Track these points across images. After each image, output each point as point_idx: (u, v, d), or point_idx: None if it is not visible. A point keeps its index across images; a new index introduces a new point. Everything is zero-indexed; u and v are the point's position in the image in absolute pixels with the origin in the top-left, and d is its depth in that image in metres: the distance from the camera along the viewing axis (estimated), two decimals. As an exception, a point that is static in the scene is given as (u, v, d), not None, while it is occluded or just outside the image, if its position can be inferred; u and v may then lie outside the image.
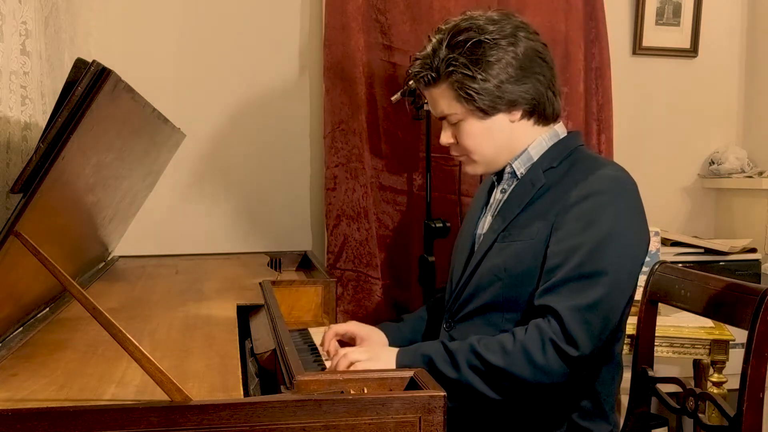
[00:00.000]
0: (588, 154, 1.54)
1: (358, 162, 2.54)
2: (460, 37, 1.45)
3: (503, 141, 1.51)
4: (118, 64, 1.15)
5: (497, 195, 1.58)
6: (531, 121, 1.51)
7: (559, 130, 1.55)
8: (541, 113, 1.51)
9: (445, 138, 1.55)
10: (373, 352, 1.40)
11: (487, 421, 1.44)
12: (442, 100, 1.50)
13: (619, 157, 2.68)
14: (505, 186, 1.56)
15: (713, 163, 2.97)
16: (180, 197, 2.62)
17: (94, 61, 0.99)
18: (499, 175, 1.58)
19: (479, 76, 1.44)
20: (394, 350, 1.42)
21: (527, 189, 1.49)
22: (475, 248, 1.57)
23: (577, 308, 1.33)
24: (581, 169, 1.46)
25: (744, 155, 2.93)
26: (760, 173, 2.86)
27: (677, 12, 2.93)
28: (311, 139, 2.71)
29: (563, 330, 1.32)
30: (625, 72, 2.87)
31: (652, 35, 2.93)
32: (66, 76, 1.00)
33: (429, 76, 1.49)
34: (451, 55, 1.45)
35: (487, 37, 1.44)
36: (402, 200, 2.63)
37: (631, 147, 2.87)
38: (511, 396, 1.36)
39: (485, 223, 1.58)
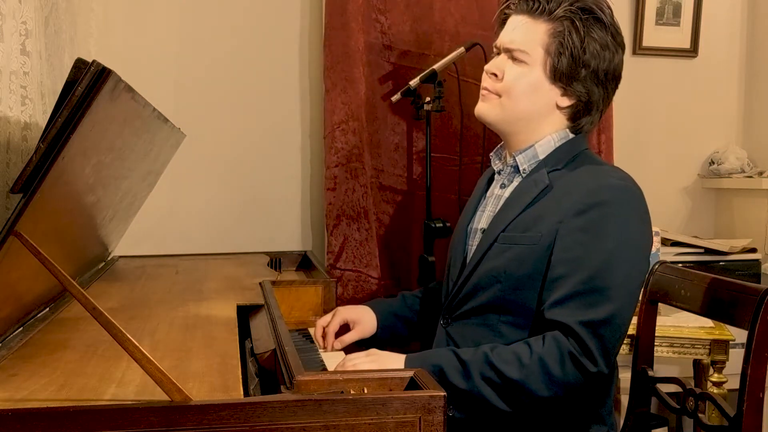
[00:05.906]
0: (592, 158, 1.53)
1: (358, 162, 2.53)
2: (587, 6, 1.46)
3: (536, 111, 1.49)
4: (118, 64, 1.15)
5: (496, 190, 1.56)
6: (568, 122, 1.51)
7: (570, 131, 1.54)
8: (581, 123, 1.51)
9: (494, 67, 1.51)
10: (380, 361, 1.39)
11: (480, 429, 1.42)
12: (527, 35, 1.47)
13: (619, 157, 2.68)
14: (506, 181, 1.55)
15: (713, 163, 2.97)
16: (180, 197, 2.61)
17: (94, 61, 0.98)
18: (500, 168, 1.57)
19: (580, 44, 1.44)
20: (401, 357, 1.40)
21: (530, 189, 1.47)
22: (469, 243, 1.56)
23: (590, 323, 1.32)
24: (586, 175, 1.44)
25: (744, 155, 2.93)
26: (760, 173, 2.86)
27: (677, 12, 2.93)
28: (311, 139, 2.71)
29: (581, 344, 1.31)
30: (625, 72, 2.85)
31: (652, 35, 2.92)
32: (66, 76, 1.00)
33: (540, 6, 1.46)
34: (572, 8, 1.45)
35: (610, 22, 1.47)
36: (402, 200, 2.63)
37: (631, 147, 2.87)
38: (523, 409, 1.35)
39: (482, 218, 1.56)
